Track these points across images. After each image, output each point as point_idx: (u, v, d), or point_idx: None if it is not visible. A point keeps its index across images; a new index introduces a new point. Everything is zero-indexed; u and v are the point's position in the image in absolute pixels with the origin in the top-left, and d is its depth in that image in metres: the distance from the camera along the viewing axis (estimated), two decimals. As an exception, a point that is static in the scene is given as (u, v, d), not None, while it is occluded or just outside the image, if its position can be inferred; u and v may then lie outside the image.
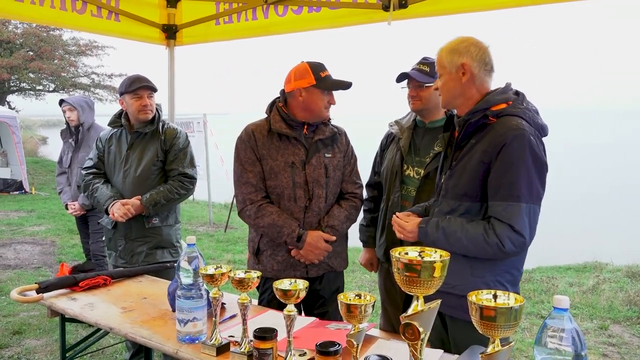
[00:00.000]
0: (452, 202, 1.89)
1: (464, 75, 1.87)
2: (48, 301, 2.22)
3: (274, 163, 2.34)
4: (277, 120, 2.36)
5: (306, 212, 2.35)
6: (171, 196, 2.89)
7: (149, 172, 2.92)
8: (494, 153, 1.77)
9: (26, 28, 16.18)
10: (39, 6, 3.19)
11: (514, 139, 1.74)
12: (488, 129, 1.82)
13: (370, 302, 1.38)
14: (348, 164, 2.49)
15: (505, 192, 1.75)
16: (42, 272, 5.72)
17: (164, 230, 2.98)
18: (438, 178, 2.06)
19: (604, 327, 4.24)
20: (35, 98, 19.08)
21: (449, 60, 1.89)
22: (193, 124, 8.88)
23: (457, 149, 1.92)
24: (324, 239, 2.35)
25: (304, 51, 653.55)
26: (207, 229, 8.35)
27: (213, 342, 1.69)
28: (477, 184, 1.82)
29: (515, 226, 1.74)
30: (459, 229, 1.82)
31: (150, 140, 2.96)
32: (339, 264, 2.49)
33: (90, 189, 2.99)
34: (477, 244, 1.79)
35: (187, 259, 1.76)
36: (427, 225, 1.90)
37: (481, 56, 1.87)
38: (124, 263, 2.94)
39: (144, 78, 2.95)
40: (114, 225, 2.96)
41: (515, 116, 1.80)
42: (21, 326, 4.01)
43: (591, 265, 6.16)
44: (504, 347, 1.11)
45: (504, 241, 1.75)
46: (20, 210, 9.49)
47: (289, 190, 2.33)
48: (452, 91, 1.91)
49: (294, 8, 3.36)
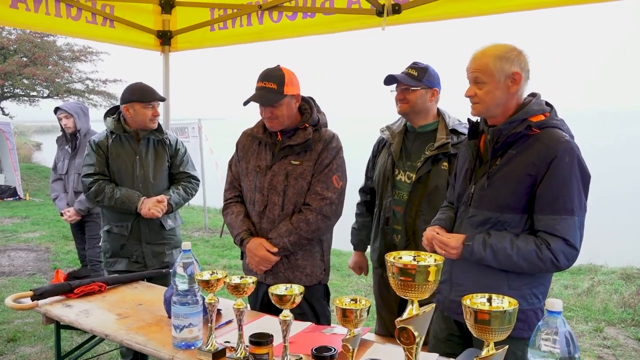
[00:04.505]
0: (488, 213, 1.84)
1: (514, 85, 1.81)
2: (43, 308, 2.21)
3: (246, 165, 2.42)
4: (259, 125, 2.43)
5: (262, 218, 2.34)
6: (187, 197, 3.09)
7: (162, 176, 3.06)
8: (542, 166, 1.74)
9: (20, 34, 16.12)
10: (33, 13, 3.20)
11: (564, 153, 1.73)
12: (531, 140, 1.78)
13: (366, 307, 1.38)
14: (320, 172, 2.30)
15: (559, 206, 1.73)
16: (36, 278, 5.69)
17: (177, 231, 3.16)
18: (462, 187, 1.99)
19: (599, 329, 4.25)
20: (29, 104, 18.99)
21: (499, 67, 1.80)
22: (188, 129, 8.87)
23: (493, 158, 1.86)
24: (265, 248, 2.28)
25: (299, 57, 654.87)
26: (202, 234, 8.33)
27: (209, 348, 1.69)
28: (520, 196, 1.79)
29: (570, 240, 1.73)
30: (509, 246, 1.76)
31: (158, 146, 3.07)
32: (300, 279, 2.31)
33: (108, 193, 2.89)
34: (530, 260, 1.75)
35: (182, 264, 1.76)
36: (473, 243, 1.82)
37: (527, 66, 1.83)
38: (141, 267, 2.97)
39: (154, 89, 3.03)
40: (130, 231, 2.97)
41: (557, 128, 1.79)
42: (16, 333, 3.99)
43: (586, 268, 6.18)
44: (498, 350, 1.12)
45: (559, 256, 1.73)
46: (15, 216, 9.43)
47: (251, 194, 2.39)
48: (497, 100, 1.82)
49: (289, 14, 3.37)
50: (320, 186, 2.29)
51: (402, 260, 1.20)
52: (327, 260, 2.43)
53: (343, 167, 2.38)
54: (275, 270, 2.34)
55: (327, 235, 2.42)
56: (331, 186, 2.30)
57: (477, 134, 1.97)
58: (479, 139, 1.97)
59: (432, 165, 2.43)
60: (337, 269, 5.88)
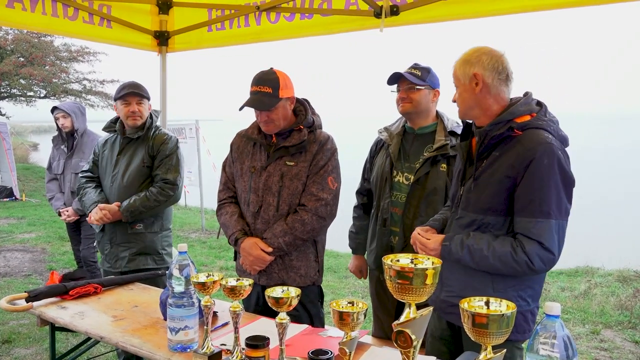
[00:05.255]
0: (473, 215, 1.86)
1: (477, 86, 1.84)
2: (38, 310, 2.20)
3: (241, 166, 2.42)
4: (253, 126, 2.43)
5: (256, 219, 2.34)
6: (149, 203, 2.86)
7: (135, 177, 2.93)
8: (521, 167, 1.74)
9: (17, 34, 16.06)
10: (30, 13, 3.18)
11: (543, 154, 1.72)
12: (513, 142, 1.79)
13: (363, 310, 1.37)
14: (315, 174, 2.31)
15: (535, 209, 1.72)
16: (32, 279, 5.66)
17: (147, 236, 2.96)
18: (454, 188, 2.02)
19: (595, 331, 4.25)
20: (26, 104, 18.91)
21: (462, 71, 1.87)
22: (185, 130, 8.85)
23: (478, 160, 1.88)
24: (260, 248, 2.27)
25: (297, 58, 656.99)
26: (199, 235, 8.31)
27: (205, 350, 1.68)
28: (502, 198, 1.79)
29: (545, 243, 1.72)
30: (485, 247, 1.78)
31: (139, 145, 2.98)
32: (294, 280, 2.31)
33: (80, 193, 3.06)
34: (505, 262, 1.76)
35: (178, 266, 1.75)
36: (450, 243, 1.85)
37: (493, 65, 1.84)
38: (109, 267, 2.98)
39: (134, 84, 2.97)
40: (101, 229, 3.00)
41: (541, 129, 1.78)
42: (11, 335, 3.97)
43: (583, 270, 6.19)
44: (496, 354, 1.12)
45: (533, 259, 1.73)
46: (11, 217, 9.40)
47: (245, 195, 2.38)
48: (468, 102, 1.88)
49: (286, 15, 3.37)
50: (315, 187, 2.29)
51: (399, 263, 1.19)
52: (321, 262, 2.42)
53: (338, 169, 2.38)
54: (269, 271, 2.33)
55: (321, 237, 2.41)
56: (326, 187, 2.30)
57: (469, 135, 1.99)
58: (470, 141, 1.98)
59: (431, 166, 2.43)
60: (334, 270, 5.87)
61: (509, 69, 1.87)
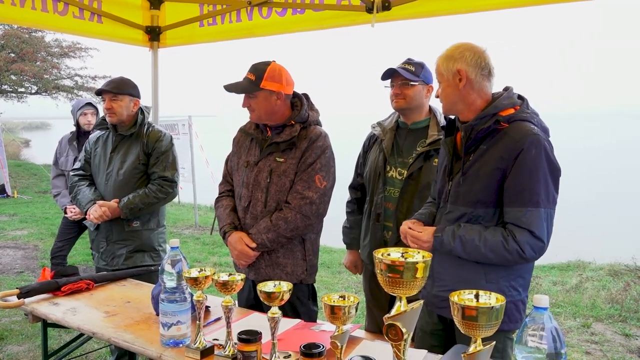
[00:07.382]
0: (463, 208, 1.88)
1: (461, 82, 1.87)
2: (30, 306, 2.19)
3: (238, 160, 2.45)
4: (252, 121, 2.45)
5: (246, 214, 2.35)
6: (149, 200, 2.87)
7: (130, 175, 2.92)
8: (510, 159, 1.78)
9: (7, 29, 15.91)
10: (19, 7, 3.14)
11: (530, 145, 1.75)
12: (500, 134, 1.82)
13: (354, 304, 1.38)
14: (303, 171, 2.26)
15: (525, 198, 1.76)
16: (24, 276, 5.64)
17: (144, 233, 2.97)
18: (441, 183, 2.03)
19: (586, 325, 4.29)
20: (17, 100, 18.75)
21: (445, 67, 1.90)
22: (178, 126, 8.82)
23: (466, 154, 1.90)
24: (245, 243, 2.28)
25: (289, 53, 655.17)
26: (192, 231, 8.29)
27: (197, 345, 1.68)
28: (492, 190, 1.82)
29: (535, 232, 1.75)
30: (477, 237, 1.80)
31: (133, 143, 2.96)
32: (280, 277, 2.26)
33: (74, 191, 3.02)
34: (497, 251, 1.78)
35: (170, 262, 1.75)
36: (442, 235, 1.87)
37: (476, 61, 1.87)
38: (105, 265, 2.96)
39: (111, 81, 2.95)
40: (96, 227, 2.97)
41: (526, 121, 1.82)
42: (3, 332, 3.95)
43: (574, 264, 6.25)
44: (485, 346, 1.13)
45: (524, 247, 1.75)
46: (2, 214, 9.33)
47: (239, 189, 2.41)
48: (451, 97, 1.91)
49: (278, 10, 3.36)
50: (301, 185, 2.26)
51: (390, 257, 1.20)
52: (310, 261, 2.37)
53: (328, 167, 2.32)
54: (257, 266, 2.35)
55: (310, 235, 2.36)
56: (313, 185, 2.25)
57: (453, 131, 2.01)
58: (455, 136, 2.00)
59: (424, 161, 2.43)
60: (327, 266, 5.88)
61: (491, 65, 1.90)
